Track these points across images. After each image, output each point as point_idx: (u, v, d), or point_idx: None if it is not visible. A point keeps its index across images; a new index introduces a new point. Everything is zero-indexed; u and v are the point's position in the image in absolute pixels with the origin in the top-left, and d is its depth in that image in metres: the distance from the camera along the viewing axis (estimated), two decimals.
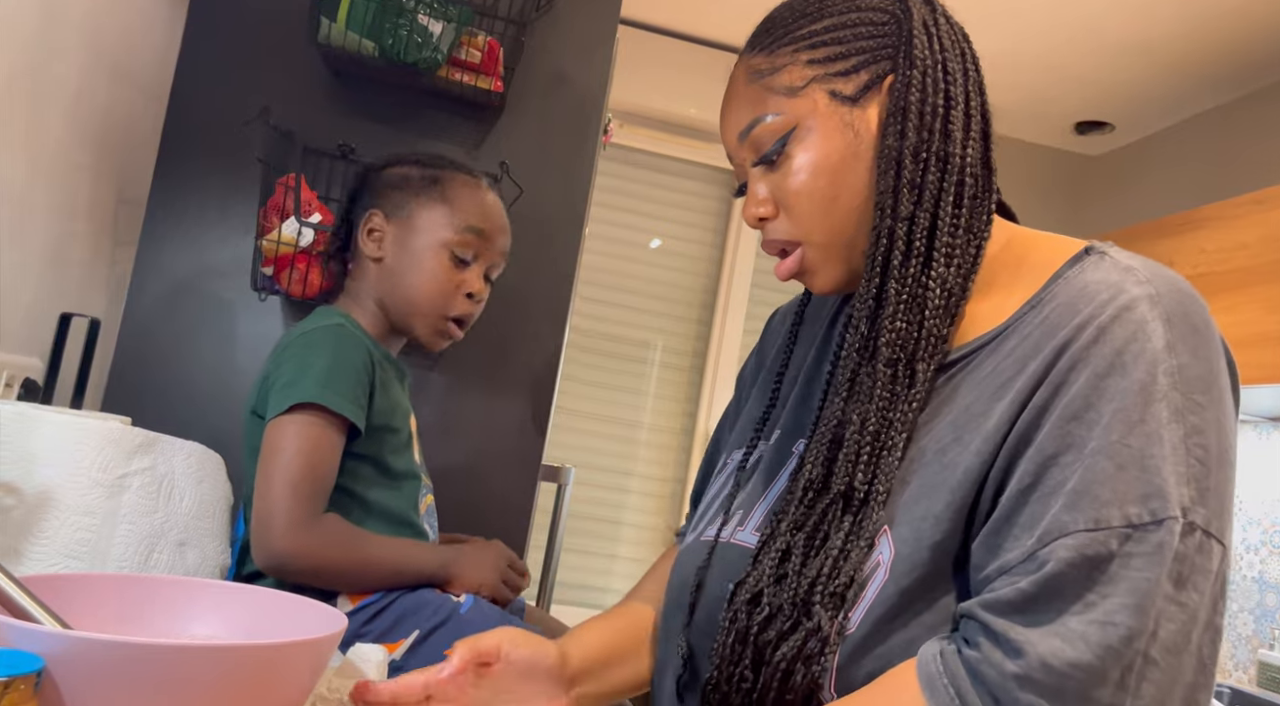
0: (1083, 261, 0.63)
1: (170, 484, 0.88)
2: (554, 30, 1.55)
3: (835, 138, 0.67)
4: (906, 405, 0.64)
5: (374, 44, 1.37)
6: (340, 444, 0.96)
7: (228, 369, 1.39)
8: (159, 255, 1.39)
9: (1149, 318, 0.58)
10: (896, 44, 0.68)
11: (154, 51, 1.42)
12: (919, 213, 0.65)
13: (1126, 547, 0.53)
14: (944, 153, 0.66)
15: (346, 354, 0.99)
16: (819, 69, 0.68)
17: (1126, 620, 0.52)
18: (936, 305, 0.64)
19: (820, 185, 0.67)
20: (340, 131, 1.46)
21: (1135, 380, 0.56)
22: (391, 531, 1.02)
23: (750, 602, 0.65)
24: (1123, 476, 0.54)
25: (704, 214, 2.99)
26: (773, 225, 0.70)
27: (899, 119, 0.66)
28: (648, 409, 2.90)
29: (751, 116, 0.70)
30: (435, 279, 1.08)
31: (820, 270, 0.70)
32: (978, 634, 0.55)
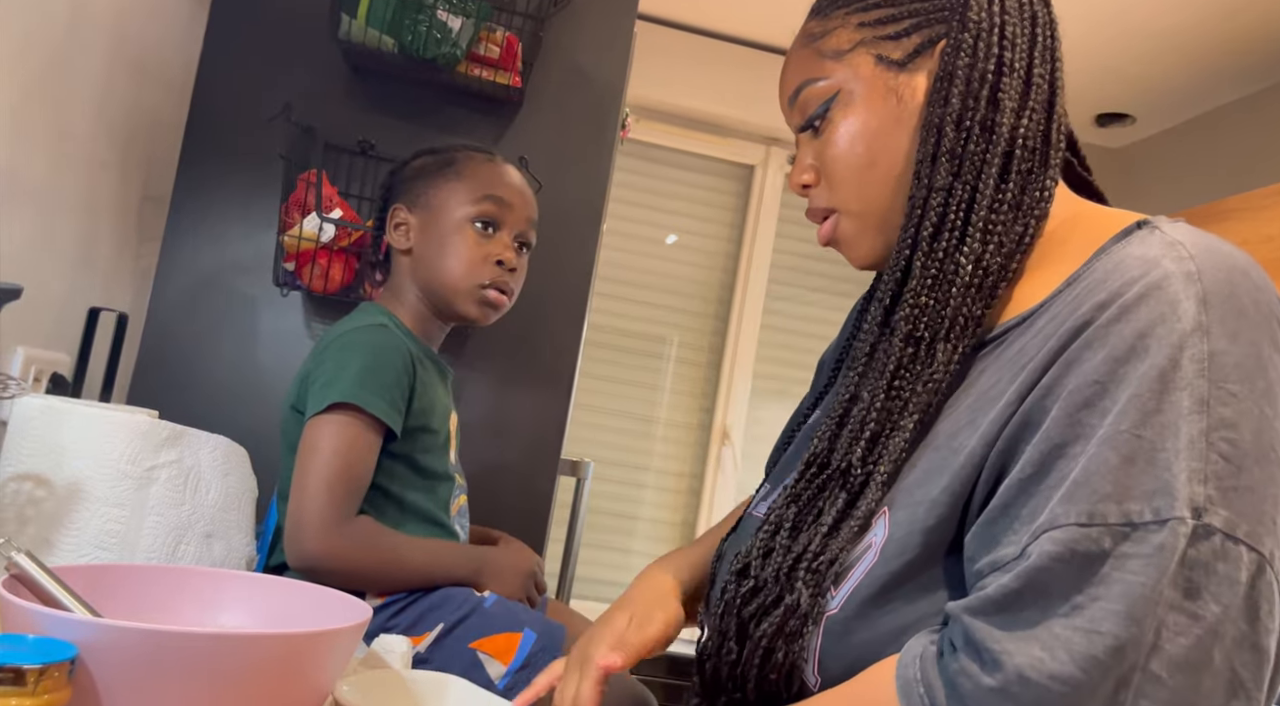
0: (1130, 236, 0.57)
1: (197, 476, 0.89)
2: (572, 25, 1.55)
3: (877, 103, 0.64)
4: (921, 385, 0.60)
5: (394, 40, 1.37)
6: (376, 445, 0.97)
7: (251, 363, 1.40)
8: (183, 251, 1.41)
9: (1182, 296, 0.51)
10: (954, 5, 0.64)
11: (177, 49, 1.44)
12: (957, 184, 0.61)
13: (1122, 547, 0.48)
14: (990, 121, 0.62)
15: (386, 355, 1.00)
16: (868, 32, 0.65)
17: (1115, 628, 0.46)
18: (966, 283, 0.60)
19: (858, 151, 0.64)
20: (360, 127, 1.47)
21: (1155, 365, 0.50)
22: (424, 529, 1.02)
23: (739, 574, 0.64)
24: (1127, 469, 0.48)
25: (721, 209, 2.98)
26: (815, 192, 0.69)
27: (944, 84, 0.62)
28: (664, 404, 2.90)
29: (799, 80, 0.68)
30: (463, 253, 1.08)
31: (855, 241, 0.67)
32: (959, 638, 0.51)
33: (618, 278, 2.87)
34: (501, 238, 1.11)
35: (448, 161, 1.13)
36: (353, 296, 1.38)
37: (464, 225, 1.09)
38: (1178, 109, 2.74)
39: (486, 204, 1.10)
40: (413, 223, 1.11)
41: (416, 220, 1.11)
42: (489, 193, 1.10)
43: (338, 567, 0.91)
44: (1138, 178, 2.96)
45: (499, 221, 1.10)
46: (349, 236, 1.33)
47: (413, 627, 0.94)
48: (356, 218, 1.36)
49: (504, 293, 1.11)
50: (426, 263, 1.09)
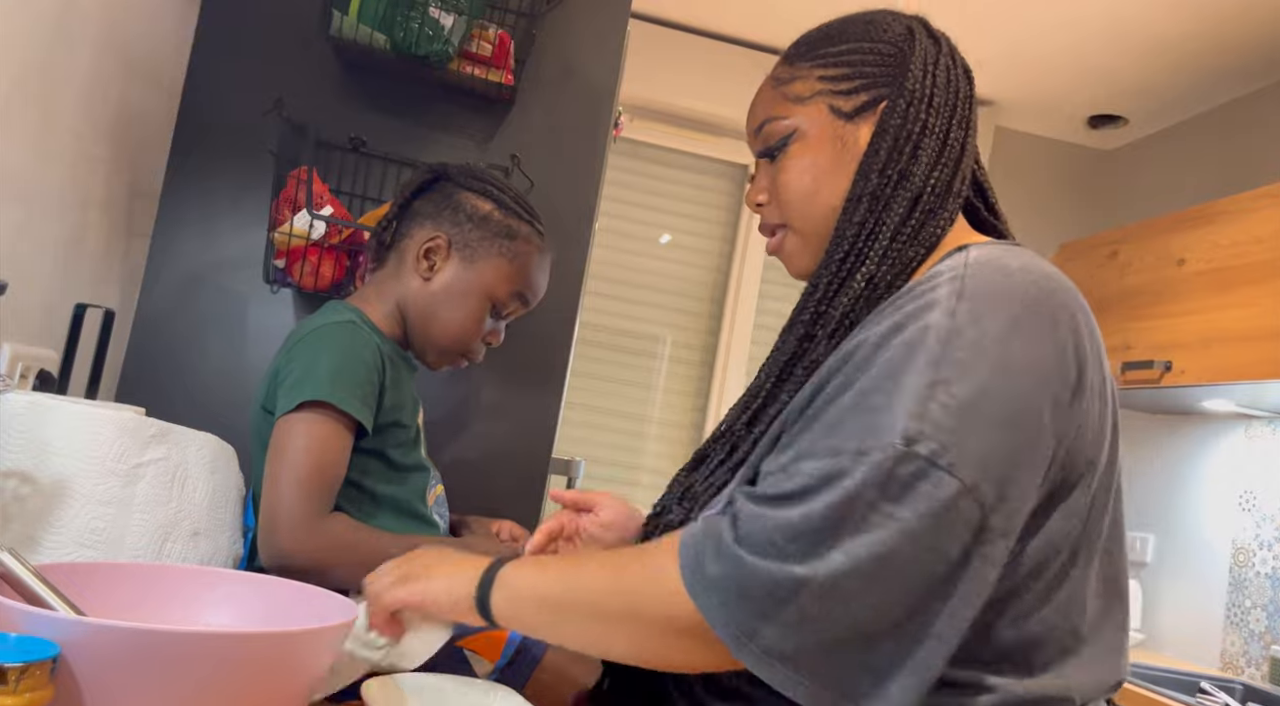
0: (955, 254, 0.71)
1: (184, 474, 0.88)
2: (565, 23, 1.55)
3: (825, 145, 0.79)
4: (802, 370, 0.75)
5: (385, 37, 1.37)
6: (349, 442, 0.96)
7: (240, 361, 1.40)
8: (172, 247, 1.40)
9: (942, 295, 0.66)
10: (894, 75, 0.78)
11: (167, 44, 1.43)
12: (869, 219, 0.75)
13: (852, 468, 0.61)
14: (907, 171, 0.76)
15: (356, 352, 0.99)
16: (826, 85, 0.80)
17: (822, 505, 0.61)
18: (855, 295, 0.74)
19: (804, 182, 0.79)
20: (352, 124, 1.46)
21: (905, 338, 0.64)
22: (402, 523, 1.02)
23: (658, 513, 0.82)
24: (865, 412, 0.63)
25: (715, 208, 2.98)
26: (766, 210, 0.84)
27: (879, 139, 0.76)
28: (657, 403, 2.90)
29: (764, 115, 0.82)
30: (468, 324, 1.10)
31: (795, 255, 0.82)
32: (729, 508, 0.66)
33: (611, 276, 2.86)
34: (502, 324, 1.16)
35: (510, 233, 1.12)
36: (342, 294, 1.38)
37: (485, 302, 1.11)
38: (1170, 111, 2.75)
39: (515, 300, 1.14)
40: (448, 264, 1.10)
41: (452, 264, 1.10)
42: (522, 290, 1.13)
43: (312, 565, 0.90)
44: (1130, 179, 2.97)
45: (510, 314, 1.15)
46: (340, 234, 1.33)
47: None
48: (347, 215, 1.36)
49: (471, 363, 1.16)
50: (433, 304, 1.09)
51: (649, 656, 0.67)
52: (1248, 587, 2.24)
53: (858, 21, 0.82)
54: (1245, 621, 2.23)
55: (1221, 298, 2.06)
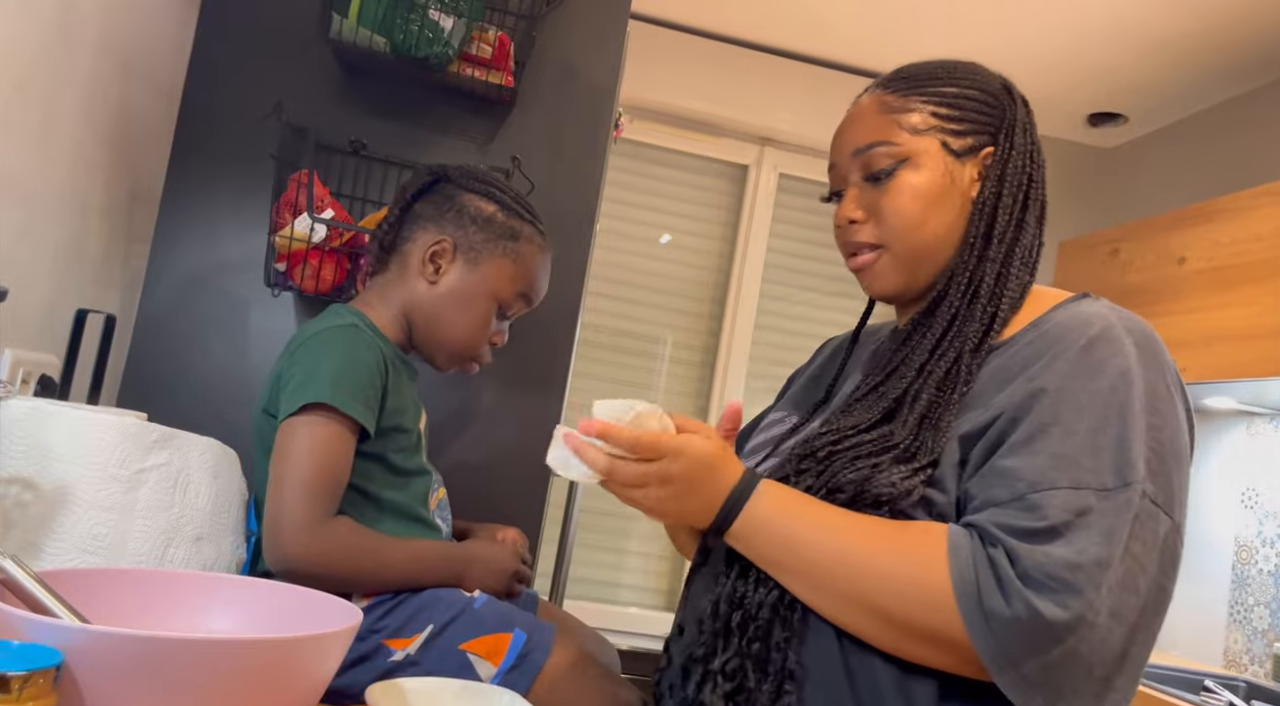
0: (1082, 299, 0.82)
1: (186, 479, 0.88)
2: (565, 25, 1.55)
3: (937, 178, 0.85)
4: (956, 393, 0.80)
5: (385, 39, 1.37)
6: (352, 445, 0.96)
7: (242, 364, 1.39)
8: (173, 252, 1.40)
9: (1125, 341, 0.76)
10: (999, 126, 0.86)
11: (167, 48, 1.43)
12: (998, 254, 0.83)
13: (1102, 504, 0.69)
14: (1022, 220, 0.85)
15: (359, 355, 0.99)
16: (940, 122, 0.85)
17: (1089, 545, 0.68)
18: (986, 321, 0.82)
19: (915, 208, 0.84)
20: (352, 127, 1.46)
21: (1112, 383, 0.73)
22: (404, 526, 1.02)
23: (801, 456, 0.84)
24: (1100, 454, 0.71)
25: (715, 208, 2.98)
26: (861, 228, 0.87)
27: (996, 182, 0.85)
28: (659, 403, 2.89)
29: (874, 138, 0.86)
30: (475, 327, 1.11)
31: (886, 274, 0.87)
32: (990, 540, 0.71)
33: (613, 277, 2.86)
34: (507, 324, 1.16)
35: (514, 234, 1.12)
36: (344, 297, 1.38)
37: (491, 303, 1.11)
38: (1170, 109, 2.75)
39: (520, 301, 1.14)
40: (454, 266, 1.10)
41: (458, 267, 1.10)
42: (526, 290, 1.14)
43: (317, 570, 0.90)
44: (1129, 177, 2.96)
45: (515, 314, 1.16)
46: (340, 237, 1.32)
47: (402, 629, 0.94)
48: (348, 218, 1.35)
49: (480, 366, 1.16)
50: (439, 307, 1.09)
51: (889, 645, 0.73)
52: (1251, 585, 2.24)
53: (963, 68, 0.89)
54: (1248, 619, 2.23)
55: (1222, 296, 2.05)
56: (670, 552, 2.87)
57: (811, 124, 2.89)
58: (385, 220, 1.13)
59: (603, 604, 2.76)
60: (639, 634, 2.71)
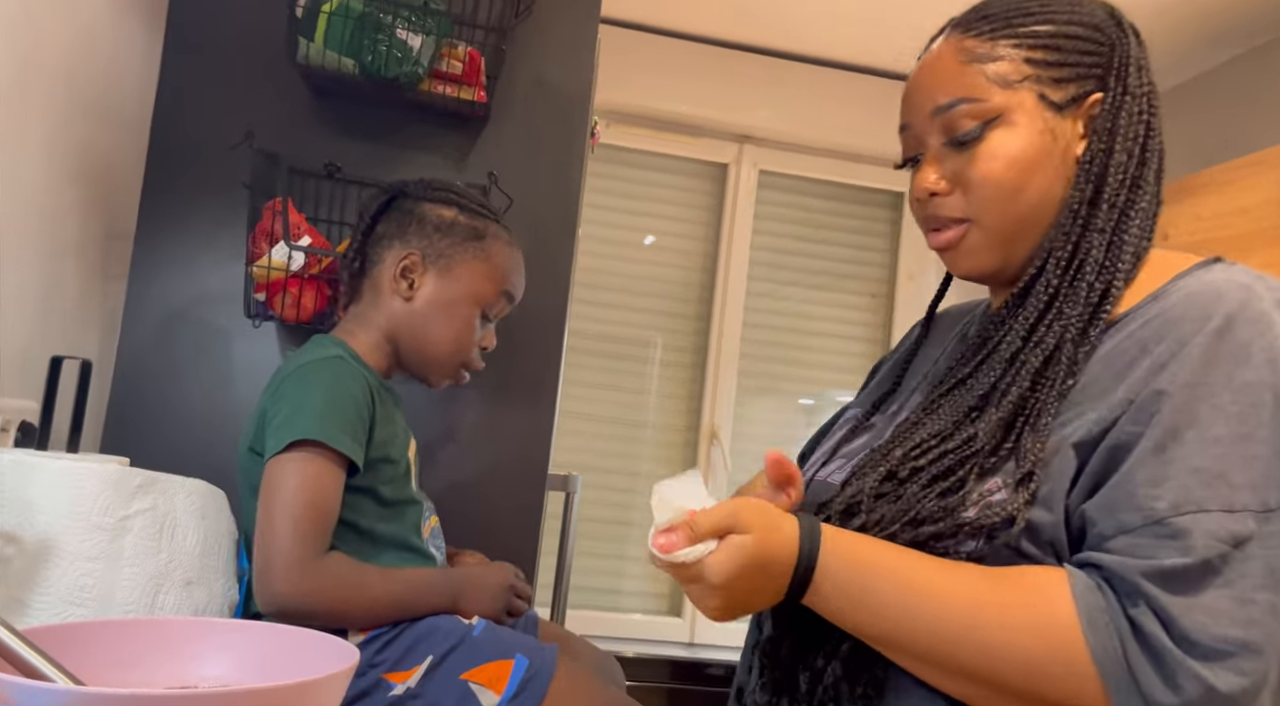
0: (1211, 266, 0.69)
1: (173, 523, 0.87)
2: (535, 36, 1.53)
3: (1035, 138, 0.71)
4: (1057, 387, 0.67)
5: (354, 61, 1.35)
6: (341, 480, 0.95)
7: (227, 398, 1.38)
8: (151, 287, 1.38)
9: (1274, 317, 0.63)
10: (1107, 67, 0.73)
11: (132, 83, 1.41)
12: (1107, 226, 0.70)
13: (1264, 528, 0.58)
14: (1139, 179, 0.72)
15: (345, 387, 0.98)
16: (1035, 70, 0.71)
17: (1269, 597, 0.57)
18: (1092, 305, 0.69)
19: (1010, 176, 0.71)
20: (326, 151, 1.44)
21: (1260, 373, 0.61)
22: (398, 557, 1.00)
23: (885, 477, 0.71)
24: (1254, 465, 0.59)
25: (697, 208, 2.97)
26: (944, 201, 0.74)
27: (1107, 136, 0.72)
28: (652, 407, 2.89)
29: (956, 95, 0.72)
30: (462, 335, 1.09)
31: (975, 252, 0.74)
32: (1127, 590, 0.59)
33: (598, 283, 2.85)
34: (492, 326, 1.14)
35: (479, 233, 1.11)
36: (327, 324, 1.36)
37: (473, 307, 1.10)
38: None
39: (501, 300, 1.12)
40: (425, 279, 1.09)
41: (430, 279, 1.09)
42: (506, 288, 1.12)
43: (311, 608, 0.89)
44: None
45: (499, 314, 1.14)
46: (319, 263, 1.31)
47: (401, 661, 0.93)
48: (326, 243, 1.34)
49: (473, 373, 1.14)
50: (421, 322, 1.08)
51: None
52: None
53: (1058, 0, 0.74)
54: None
55: None
56: None
57: (788, 119, 2.89)
58: (350, 248, 1.13)
59: (606, 612, 2.75)
60: (644, 640, 2.70)
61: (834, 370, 3.03)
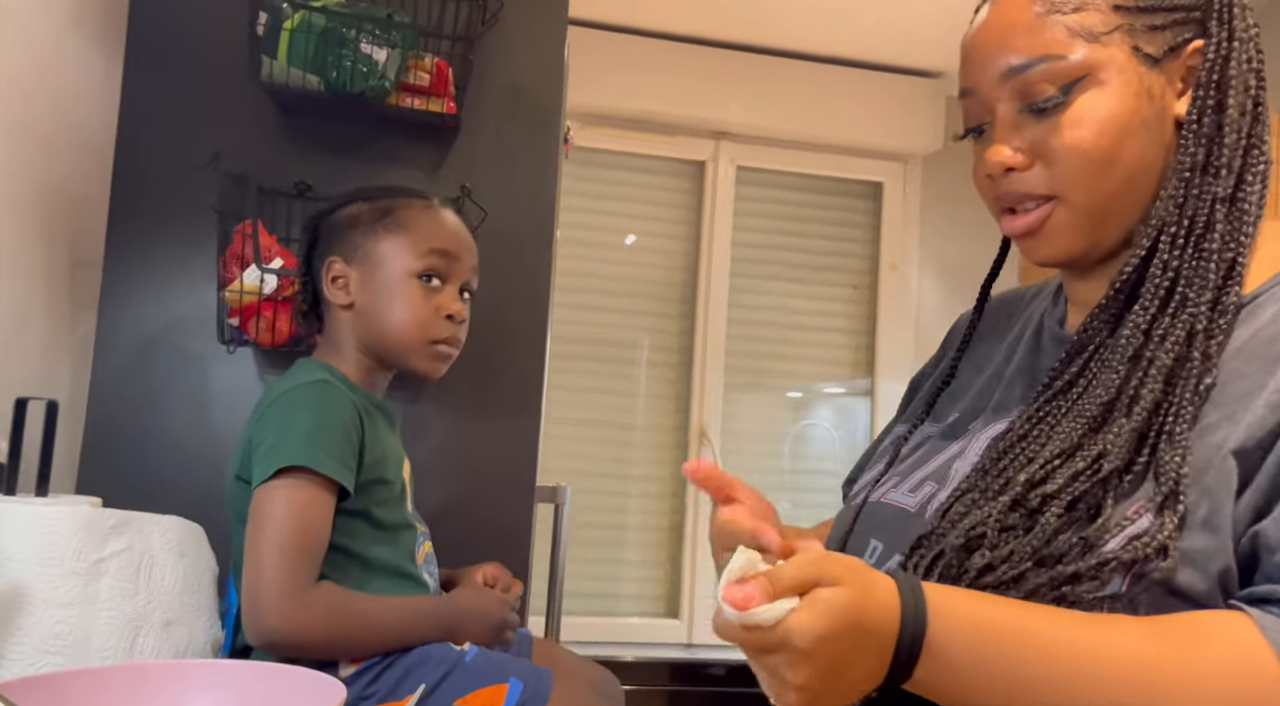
0: None
1: (150, 562, 0.85)
2: (502, 43, 1.51)
3: (1130, 98, 0.62)
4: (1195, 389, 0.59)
5: (318, 78, 1.33)
6: (331, 506, 0.93)
7: (205, 426, 1.35)
8: (122, 316, 1.36)
9: None
10: (1207, 9, 0.64)
11: (93, 108, 1.38)
12: (1226, 192, 0.61)
13: None
14: (1257, 138, 0.63)
15: (331, 411, 0.96)
16: (1126, 18, 0.62)
17: None
18: (1216, 287, 0.61)
19: (1103, 144, 0.62)
20: (295, 169, 1.42)
21: None
22: (391, 585, 0.99)
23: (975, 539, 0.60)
24: None
25: (677, 207, 2.96)
26: (1023, 176, 0.65)
27: (1215, 92, 0.62)
28: (641, 409, 2.88)
29: (1035, 53, 0.63)
30: (411, 310, 1.05)
31: (1061, 235, 0.65)
32: None
33: (581, 287, 2.83)
34: (448, 290, 1.08)
35: (385, 210, 1.09)
36: (304, 346, 1.34)
37: (409, 280, 1.06)
38: None
39: (432, 258, 1.07)
40: (352, 276, 1.07)
41: (356, 274, 1.07)
42: (434, 246, 1.07)
43: (303, 640, 0.87)
44: None
45: (445, 274, 1.08)
46: (293, 285, 1.29)
47: (394, 692, 0.91)
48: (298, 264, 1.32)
49: (454, 347, 1.09)
50: (371, 318, 1.06)
51: None
52: None
53: None
54: None
55: None
56: (667, 557, 2.85)
57: (764, 114, 2.88)
58: (299, 289, 1.14)
59: (603, 617, 2.74)
60: (643, 643, 2.69)
61: (821, 363, 3.03)
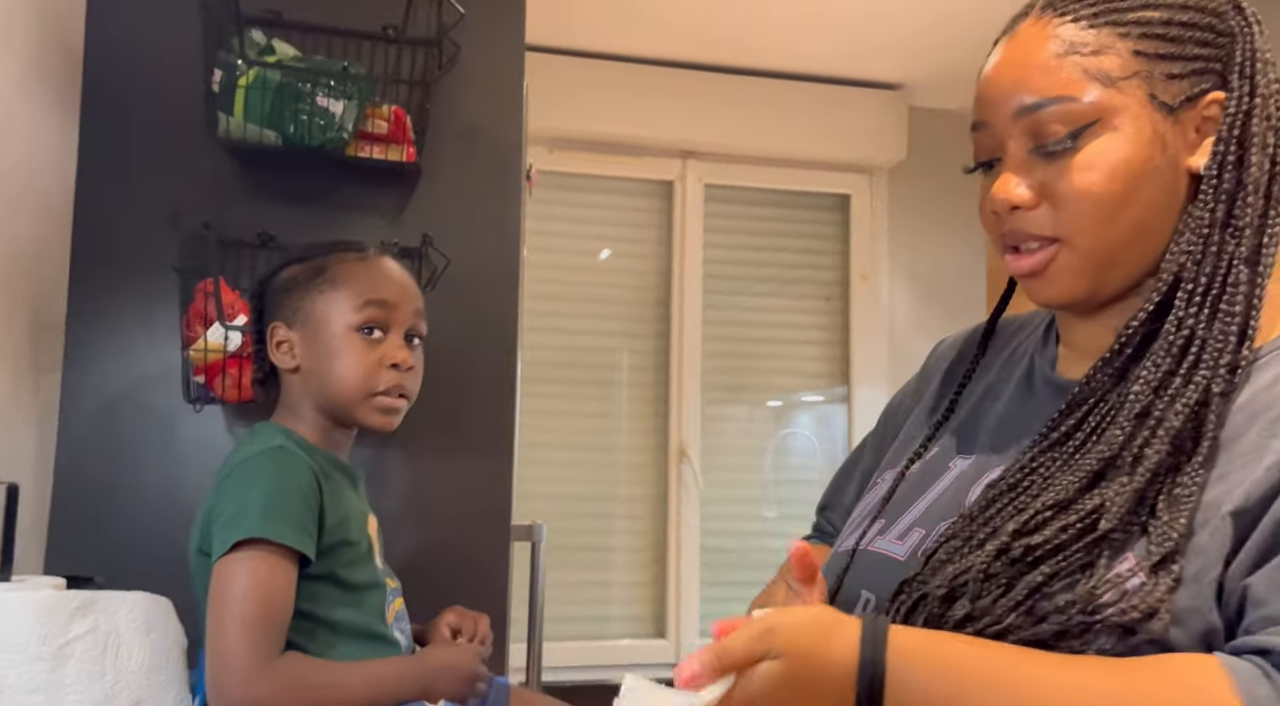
0: None
1: (116, 642, 0.85)
2: (460, 85, 1.52)
3: (1143, 145, 0.62)
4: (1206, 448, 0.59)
5: (276, 132, 1.33)
6: (293, 575, 0.93)
7: (175, 487, 1.34)
8: (87, 378, 1.35)
9: None
10: (1228, 61, 0.63)
11: (50, 170, 1.38)
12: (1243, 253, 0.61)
13: None
14: (1275, 195, 0.62)
15: (288, 479, 0.96)
16: (1145, 64, 0.62)
17: None
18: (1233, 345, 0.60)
19: (1114, 190, 0.61)
20: (257, 221, 1.42)
21: None
22: (361, 647, 0.99)
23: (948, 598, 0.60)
24: None
25: (647, 227, 2.98)
26: (1029, 216, 0.64)
27: (1237, 147, 0.62)
28: (622, 430, 2.89)
29: (1049, 94, 0.62)
30: (354, 364, 1.05)
31: (1064, 278, 0.64)
32: None
33: (555, 311, 2.84)
34: (391, 339, 1.08)
35: (319, 269, 1.09)
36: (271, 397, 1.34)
37: (349, 335, 1.06)
38: None
39: (369, 309, 1.06)
40: (294, 339, 1.08)
41: (298, 336, 1.07)
42: (370, 297, 1.07)
43: None
44: None
45: (386, 324, 1.08)
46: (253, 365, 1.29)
47: None
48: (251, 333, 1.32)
49: (402, 395, 1.09)
50: (317, 379, 1.06)
51: None
52: None
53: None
54: None
55: None
56: (655, 577, 2.86)
57: (729, 132, 2.90)
58: (253, 358, 1.14)
59: (591, 641, 2.74)
60: (631, 665, 2.70)
61: (797, 374, 3.05)
